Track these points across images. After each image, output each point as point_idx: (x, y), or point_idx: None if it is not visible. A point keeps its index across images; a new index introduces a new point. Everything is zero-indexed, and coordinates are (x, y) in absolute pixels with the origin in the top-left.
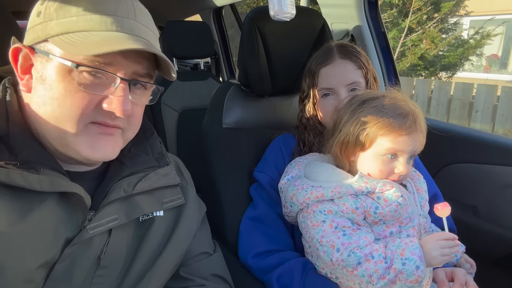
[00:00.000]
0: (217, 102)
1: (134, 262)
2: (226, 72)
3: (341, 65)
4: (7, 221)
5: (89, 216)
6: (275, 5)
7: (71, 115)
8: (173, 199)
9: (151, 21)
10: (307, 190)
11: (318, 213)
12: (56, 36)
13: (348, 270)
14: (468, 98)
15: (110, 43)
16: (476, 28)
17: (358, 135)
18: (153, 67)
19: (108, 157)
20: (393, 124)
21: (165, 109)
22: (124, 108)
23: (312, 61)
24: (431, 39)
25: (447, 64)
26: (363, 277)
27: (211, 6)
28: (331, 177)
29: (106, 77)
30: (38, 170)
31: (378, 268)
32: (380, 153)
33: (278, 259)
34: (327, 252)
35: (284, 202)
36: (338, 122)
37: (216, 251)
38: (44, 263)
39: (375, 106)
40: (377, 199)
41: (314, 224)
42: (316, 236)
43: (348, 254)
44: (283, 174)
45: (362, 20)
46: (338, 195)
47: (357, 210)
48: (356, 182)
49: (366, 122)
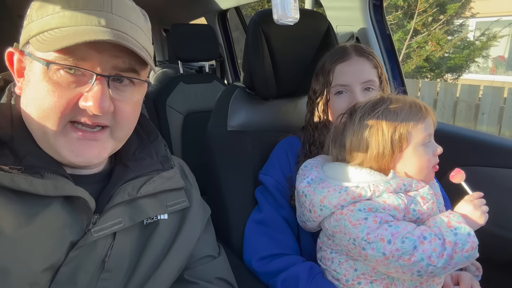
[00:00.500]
0: (222, 105)
1: (138, 265)
2: (231, 74)
3: (357, 62)
4: (13, 225)
5: (93, 220)
6: (278, 9)
7: (50, 114)
8: (178, 202)
9: (133, 13)
10: (341, 192)
11: (358, 211)
12: (34, 36)
13: (405, 259)
14: (474, 100)
15: (72, 37)
16: (482, 30)
17: (391, 140)
18: (139, 62)
19: (92, 162)
20: (414, 113)
21: (170, 111)
22: (100, 105)
23: (326, 59)
24: (437, 41)
25: (453, 66)
26: (423, 261)
27: (216, 9)
28: (361, 176)
29: (84, 74)
30: (42, 175)
31: (435, 246)
32: (419, 144)
33: (283, 263)
34: (376, 247)
35: (309, 206)
36: (356, 139)
37: (220, 254)
38: (49, 266)
39: (385, 108)
40: (414, 197)
41: (355, 223)
42: (361, 234)
43: (401, 241)
44: (299, 177)
45: (367, 23)
46: (377, 193)
47: (399, 207)
48: (392, 180)
49: (390, 124)
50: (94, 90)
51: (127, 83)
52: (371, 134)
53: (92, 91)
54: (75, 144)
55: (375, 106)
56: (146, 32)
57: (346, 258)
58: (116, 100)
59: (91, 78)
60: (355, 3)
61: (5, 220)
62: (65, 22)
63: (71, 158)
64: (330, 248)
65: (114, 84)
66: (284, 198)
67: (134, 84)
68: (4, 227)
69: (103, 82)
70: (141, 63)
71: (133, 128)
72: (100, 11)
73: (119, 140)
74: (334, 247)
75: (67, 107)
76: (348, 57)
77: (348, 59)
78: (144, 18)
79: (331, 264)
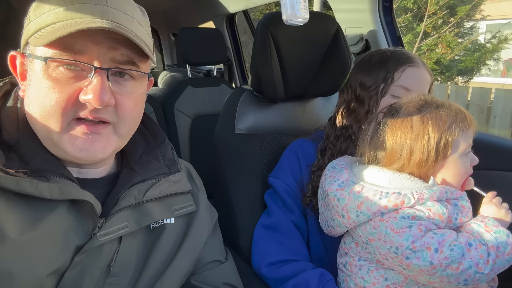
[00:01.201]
0: (230, 108)
1: (144, 270)
2: (239, 78)
3: (424, 73)
4: (18, 229)
5: (99, 224)
6: (288, 9)
7: (52, 112)
8: (184, 206)
9: (128, 6)
10: (382, 198)
11: (401, 219)
12: (32, 35)
13: (454, 268)
14: (486, 103)
15: (67, 27)
16: (493, 32)
17: (437, 147)
18: (138, 54)
19: (98, 156)
20: (461, 120)
21: (178, 115)
22: (100, 97)
23: (390, 60)
24: (447, 44)
25: (464, 69)
26: (471, 269)
27: (224, 13)
28: (402, 182)
29: (82, 69)
30: (48, 178)
31: (481, 252)
32: (462, 152)
33: (293, 269)
34: (422, 256)
35: (342, 211)
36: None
37: (228, 259)
38: (55, 270)
39: (431, 111)
40: (454, 206)
41: (398, 231)
42: (406, 242)
43: (450, 249)
44: (327, 178)
45: (377, 25)
46: (421, 201)
47: (443, 216)
48: (435, 187)
49: (437, 129)
50: (93, 83)
51: (128, 77)
52: (416, 139)
53: (92, 84)
54: (79, 139)
55: (420, 109)
56: (144, 26)
57: (377, 267)
58: (117, 94)
59: (90, 72)
60: (365, 5)
61: (10, 224)
62: (60, 17)
63: (76, 153)
64: (359, 255)
65: (114, 78)
66: (294, 202)
67: (134, 78)
68: (9, 231)
69: (102, 75)
70: (140, 55)
71: (137, 124)
72: (95, 4)
73: (123, 137)
74: (363, 254)
75: (68, 103)
76: (417, 64)
77: (417, 66)
78: (142, 13)
79: (358, 271)
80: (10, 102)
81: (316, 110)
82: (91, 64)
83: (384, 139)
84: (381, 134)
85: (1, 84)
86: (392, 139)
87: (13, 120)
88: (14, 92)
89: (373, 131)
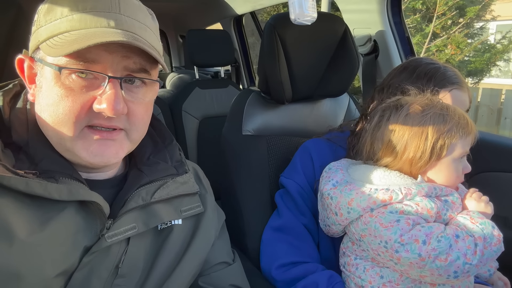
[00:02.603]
0: (237, 109)
1: (152, 271)
2: (246, 79)
3: (466, 98)
4: (27, 230)
5: (107, 225)
6: (296, 8)
7: (65, 120)
8: (192, 207)
9: (140, 13)
10: (371, 194)
11: (389, 214)
12: (44, 42)
13: (442, 259)
14: (496, 105)
15: (83, 39)
16: (503, 33)
17: (433, 147)
18: (150, 61)
19: (111, 161)
20: (462, 127)
21: (185, 116)
22: (115, 107)
23: (440, 76)
24: (457, 45)
25: (473, 70)
26: (459, 260)
27: (232, 15)
28: (391, 179)
29: (96, 77)
30: (57, 179)
31: (469, 243)
32: (456, 157)
33: (302, 271)
34: (411, 249)
35: (335, 209)
36: (397, 136)
37: (235, 260)
38: (63, 271)
39: (435, 112)
40: (444, 202)
41: (387, 225)
42: (394, 236)
43: (438, 240)
44: (323, 179)
45: (385, 25)
46: (409, 196)
47: (432, 211)
48: (423, 183)
49: (436, 130)
50: (107, 93)
51: (139, 84)
52: (414, 136)
53: (106, 94)
54: (93, 145)
55: (424, 108)
56: (155, 31)
57: (372, 265)
58: (129, 102)
59: (104, 81)
60: (373, 5)
61: (19, 224)
62: (74, 26)
63: (90, 159)
64: (355, 254)
65: (126, 85)
66: (306, 204)
67: (145, 84)
68: (18, 232)
69: (116, 84)
70: (151, 63)
71: (147, 128)
72: (109, 13)
73: (135, 142)
74: (359, 252)
75: (82, 111)
76: (463, 88)
77: (463, 91)
78: (151, 17)
79: (355, 271)
80: (20, 103)
81: (324, 111)
82: (105, 74)
83: (384, 131)
84: (383, 127)
85: (11, 85)
86: (390, 133)
87: (22, 122)
88: (24, 93)
89: (376, 123)
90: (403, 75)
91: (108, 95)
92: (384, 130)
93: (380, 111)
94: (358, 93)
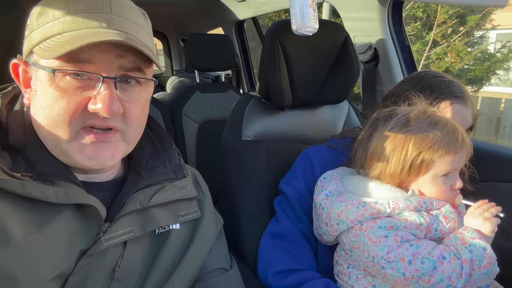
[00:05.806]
0: (237, 115)
1: (149, 275)
2: (247, 84)
3: (468, 114)
4: (23, 232)
5: (104, 228)
6: (297, 19)
7: (60, 121)
8: (189, 212)
9: (132, 12)
10: (359, 207)
11: (378, 229)
12: (37, 45)
13: (425, 280)
14: (495, 114)
15: (75, 40)
16: (503, 42)
17: (412, 162)
18: (144, 60)
19: (107, 164)
20: (447, 144)
21: (185, 120)
22: (110, 107)
23: (443, 87)
24: (457, 53)
25: (473, 78)
26: (442, 282)
27: (233, 20)
28: (382, 192)
29: (90, 78)
30: (53, 182)
31: (454, 266)
32: (438, 175)
33: (298, 278)
34: (396, 267)
35: (325, 219)
36: (380, 148)
37: (232, 266)
38: (59, 274)
39: (419, 128)
40: (436, 216)
41: (375, 241)
42: (381, 253)
43: (421, 262)
44: (317, 188)
45: (386, 34)
46: (397, 211)
47: (421, 226)
48: (413, 197)
49: (417, 147)
50: (102, 93)
51: (134, 83)
52: (395, 150)
53: (101, 94)
54: (88, 148)
55: (410, 121)
56: (147, 30)
57: (364, 274)
58: (124, 102)
59: (98, 81)
60: (374, 13)
61: (16, 227)
62: (66, 28)
63: (85, 162)
64: (347, 263)
65: (121, 85)
66: (304, 211)
67: (140, 84)
68: (14, 234)
69: (110, 84)
70: (146, 61)
71: (143, 128)
72: (100, 13)
73: (131, 143)
74: (351, 262)
75: (76, 112)
76: (466, 104)
77: (466, 106)
78: (143, 16)
79: (348, 280)
80: (17, 106)
81: (323, 118)
82: (99, 74)
83: (371, 142)
84: (371, 137)
85: (10, 88)
86: (376, 144)
87: (19, 124)
88: (21, 96)
89: (366, 133)
90: (408, 84)
91: (103, 95)
92: (371, 141)
93: (372, 121)
94: (358, 100)
